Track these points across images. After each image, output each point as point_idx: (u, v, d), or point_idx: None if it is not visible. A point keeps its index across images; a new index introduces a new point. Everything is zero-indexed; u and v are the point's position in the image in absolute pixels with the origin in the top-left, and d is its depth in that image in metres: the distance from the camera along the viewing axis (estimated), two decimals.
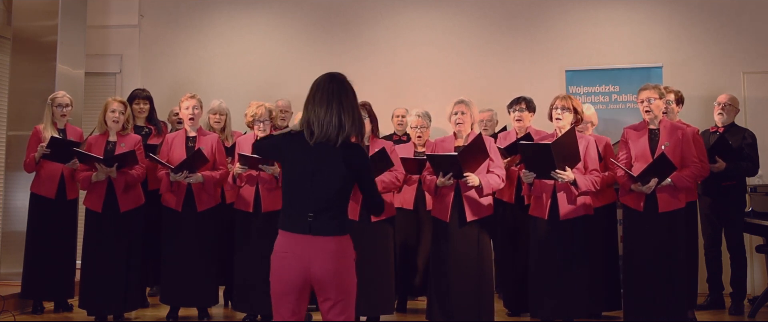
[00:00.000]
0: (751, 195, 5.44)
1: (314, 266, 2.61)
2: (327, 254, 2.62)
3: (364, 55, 7.08)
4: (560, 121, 4.51)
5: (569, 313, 4.44)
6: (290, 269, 2.62)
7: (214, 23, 7.36)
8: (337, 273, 2.62)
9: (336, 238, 2.65)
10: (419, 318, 5.06)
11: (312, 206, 2.64)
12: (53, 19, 6.21)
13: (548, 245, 4.44)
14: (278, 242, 2.68)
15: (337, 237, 2.65)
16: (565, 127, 4.50)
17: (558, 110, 4.52)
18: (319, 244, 2.62)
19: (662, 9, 6.75)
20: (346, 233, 2.69)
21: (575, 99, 4.59)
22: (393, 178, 4.60)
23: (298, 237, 2.63)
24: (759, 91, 6.47)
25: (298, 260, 2.61)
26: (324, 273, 2.61)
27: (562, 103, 4.52)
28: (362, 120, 2.73)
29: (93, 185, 4.84)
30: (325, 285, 2.62)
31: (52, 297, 5.24)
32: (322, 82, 2.70)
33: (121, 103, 4.99)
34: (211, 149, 4.96)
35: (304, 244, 2.62)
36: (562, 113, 4.50)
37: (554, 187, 4.45)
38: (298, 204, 2.66)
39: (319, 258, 2.61)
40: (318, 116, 2.64)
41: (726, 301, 5.47)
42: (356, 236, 4.50)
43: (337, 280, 2.63)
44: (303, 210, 2.64)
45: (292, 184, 2.68)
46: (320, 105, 2.65)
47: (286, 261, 2.63)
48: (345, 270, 2.66)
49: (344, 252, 2.67)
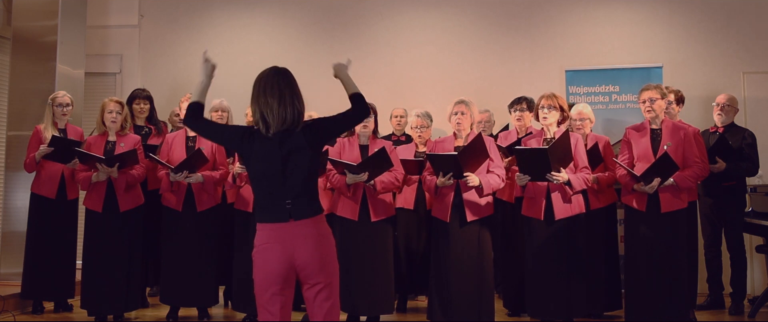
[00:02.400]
0: (751, 195, 5.44)
1: (298, 251, 2.64)
2: (310, 237, 2.66)
3: (364, 55, 7.08)
4: (547, 119, 4.55)
5: (568, 313, 4.44)
6: (274, 260, 2.64)
7: (214, 23, 7.36)
8: (321, 256, 2.66)
9: (315, 219, 2.70)
10: (419, 318, 5.06)
11: (288, 193, 2.68)
12: (53, 19, 6.20)
13: (545, 245, 4.45)
14: (257, 237, 2.71)
15: (315, 218, 2.70)
16: (552, 126, 4.56)
17: (544, 109, 4.55)
18: (301, 228, 2.66)
19: (662, 9, 6.75)
20: (321, 211, 2.75)
21: (560, 97, 4.63)
22: (393, 178, 4.60)
23: (279, 226, 2.67)
24: (759, 91, 6.47)
25: (281, 248, 2.64)
26: (308, 257, 2.64)
27: (548, 102, 4.55)
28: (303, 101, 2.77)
29: (93, 185, 4.84)
30: (309, 270, 2.65)
31: (52, 297, 5.24)
32: (269, 76, 2.75)
33: (118, 103, 4.99)
34: (211, 149, 4.96)
35: (285, 231, 2.66)
36: (548, 112, 4.54)
37: (548, 188, 4.46)
38: (273, 195, 2.70)
39: (303, 242, 2.65)
40: (272, 108, 2.68)
41: (726, 301, 5.47)
42: (356, 236, 4.59)
43: (322, 262, 2.66)
44: (280, 199, 2.68)
45: (263, 177, 2.72)
46: (272, 97, 2.69)
47: (269, 253, 2.65)
48: (328, 252, 2.71)
49: (324, 233, 2.72)
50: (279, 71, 2.78)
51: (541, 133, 4.66)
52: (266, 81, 2.74)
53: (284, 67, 2.82)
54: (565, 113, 4.61)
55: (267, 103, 2.69)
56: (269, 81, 2.73)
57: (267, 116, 2.69)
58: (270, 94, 2.70)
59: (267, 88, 2.72)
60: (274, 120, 2.69)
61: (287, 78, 2.76)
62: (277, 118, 2.68)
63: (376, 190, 4.55)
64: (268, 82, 2.73)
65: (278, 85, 2.72)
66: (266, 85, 2.72)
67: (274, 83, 2.72)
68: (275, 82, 2.72)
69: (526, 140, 4.71)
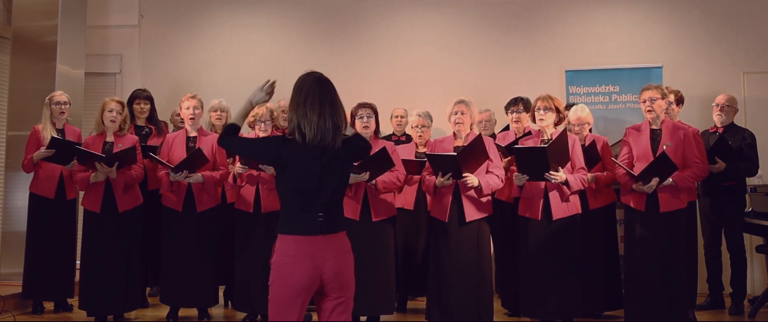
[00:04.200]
0: (751, 195, 5.44)
1: (327, 266, 2.64)
2: (338, 252, 2.68)
3: (364, 55, 7.08)
4: (543, 121, 4.55)
5: (565, 313, 4.44)
6: (302, 273, 2.61)
7: (214, 23, 7.35)
8: (346, 271, 2.69)
9: (342, 234, 2.73)
10: (419, 318, 5.06)
11: (322, 206, 2.67)
12: (53, 19, 6.20)
13: (543, 245, 4.45)
14: (283, 248, 2.65)
15: (343, 233, 2.73)
16: (548, 127, 4.55)
17: (540, 111, 4.55)
18: (331, 242, 2.66)
19: (662, 9, 6.75)
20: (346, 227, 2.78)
21: (556, 99, 4.63)
22: (394, 178, 4.60)
23: (310, 239, 2.63)
24: (759, 91, 6.47)
25: (311, 261, 2.61)
26: (336, 272, 2.65)
27: (543, 104, 4.55)
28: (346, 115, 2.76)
29: (91, 186, 4.83)
30: (335, 284, 2.66)
31: (52, 297, 5.24)
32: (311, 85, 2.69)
33: (119, 103, 4.99)
34: (212, 149, 4.96)
35: (316, 245, 2.63)
36: (544, 114, 4.54)
37: (545, 188, 4.46)
38: (306, 206, 2.66)
39: (332, 257, 2.65)
40: (310, 121, 2.64)
41: (726, 301, 5.47)
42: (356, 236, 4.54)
43: (346, 277, 2.69)
44: (312, 211, 2.65)
45: (297, 187, 2.67)
46: (312, 109, 2.64)
47: (298, 266, 2.61)
48: (350, 267, 2.73)
49: (348, 249, 2.74)
50: (321, 81, 2.71)
51: (538, 134, 4.66)
52: (308, 91, 2.68)
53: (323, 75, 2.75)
54: (561, 114, 4.60)
55: (306, 115, 2.64)
56: (311, 91, 2.67)
57: (303, 127, 2.64)
58: (310, 106, 2.65)
59: (308, 99, 2.66)
60: (311, 132, 2.63)
61: (327, 88, 2.70)
62: (315, 131, 2.63)
63: (378, 189, 4.55)
64: (310, 92, 2.67)
65: (319, 97, 2.66)
66: (307, 96, 2.67)
67: (315, 94, 2.67)
68: (316, 93, 2.67)
69: (524, 141, 4.71)
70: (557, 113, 4.57)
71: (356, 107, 4.71)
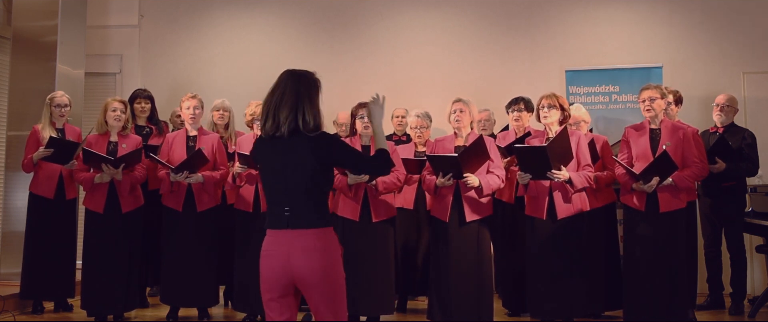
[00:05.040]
0: (751, 195, 5.44)
1: (295, 262, 2.57)
2: (307, 248, 2.57)
3: (364, 55, 7.08)
4: (547, 118, 4.55)
5: (569, 313, 4.44)
6: (273, 267, 2.61)
7: (214, 23, 7.36)
8: (320, 269, 2.56)
9: (315, 230, 2.60)
10: (419, 318, 5.06)
11: (287, 199, 2.63)
12: (53, 19, 6.20)
13: (548, 244, 4.45)
14: (263, 242, 2.68)
15: (316, 229, 2.60)
16: (553, 124, 4.56)
17: (545, 109, 4.56)
18: (298, 238, 2.58)
19: (662, 9, 6.75)
20: (327, 225, 2.64)
21: (561, 97, 4.64)
22: (394, 178, 4.60)
23: (279, 233, 2.63)
24: (759, 91, 6.47)
25: (279, 256, 2.60)
26: (305, 269, 2.56)
27: (548, 101, 4.56)
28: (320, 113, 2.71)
29: (94, 186, 4.83)
30: (308, 283, 2.57)
31: (52, 297, 5.24)
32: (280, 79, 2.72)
33: (122, 103, 4.99)
34: (212, 149, 4.96)
35: (283, 239, 2.61)
36: (548, 111, 4.54)
37: (550, 187, 4.46)
38: (275, 200, 2.67)
39: (299, 253, 2.57)
40: (265, 111, 2.68)
41: (726, 301, 5.47)
42: (356, 236, 4.59)
43: (320, 276, 2.56)
44: (280, 205, 2.65)
45: (267, 181, 2.71)
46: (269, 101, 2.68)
47: (269, 259, 2.62)
48: (329, 265, 2.59)
49: (326, 246, 2.60)
50: (292, 74, 2.71)
51: (543, 133, 4.66)
52: (275, 85, 2.71)
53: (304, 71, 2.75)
54: (565, 112, 4.60)
55: (265, 106, 2.69)
56: (276, 85, 2.70)
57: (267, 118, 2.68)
58: (269, 97, 2.69)
59: (277, 89, 2.69)
60: (266, 123, 2.67)
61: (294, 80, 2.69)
62: (268, 121, 2.66)
63: (378, 190, 4.55)
64: (275, 86, 2.70)
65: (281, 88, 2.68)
66: (277, 87, 2.69)
67: (278, 87, 2.69)
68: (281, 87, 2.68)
69: (529, 140, 4.70)
70: (562, 111, 4.57)
71: (356, 107, 4.71)
